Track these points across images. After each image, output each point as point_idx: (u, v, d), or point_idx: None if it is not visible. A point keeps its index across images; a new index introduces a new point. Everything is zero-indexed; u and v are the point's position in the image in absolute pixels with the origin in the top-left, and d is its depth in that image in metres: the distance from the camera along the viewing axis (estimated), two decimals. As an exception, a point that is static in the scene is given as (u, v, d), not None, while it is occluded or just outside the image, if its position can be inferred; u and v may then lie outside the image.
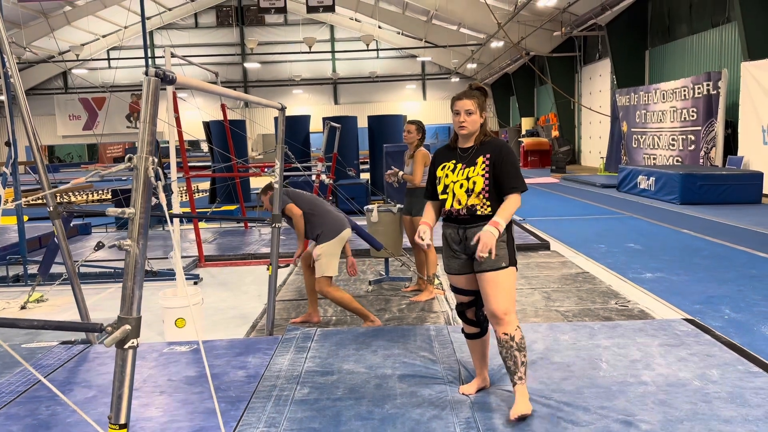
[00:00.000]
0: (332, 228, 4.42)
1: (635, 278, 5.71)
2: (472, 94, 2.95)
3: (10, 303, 5.64)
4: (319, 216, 4.46)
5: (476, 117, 2.94)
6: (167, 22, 32.15)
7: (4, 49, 3.91)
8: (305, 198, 4.57)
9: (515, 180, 2.88)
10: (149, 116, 1.84)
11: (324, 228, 4.41)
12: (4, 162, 6.03)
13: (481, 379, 3.16)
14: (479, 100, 2.95)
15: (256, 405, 3.05)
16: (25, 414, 3.06)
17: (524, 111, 29.30)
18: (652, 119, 16.01)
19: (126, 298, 1.83)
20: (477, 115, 2.94)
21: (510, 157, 2.93)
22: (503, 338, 2.85)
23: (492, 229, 2.77)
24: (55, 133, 35.45)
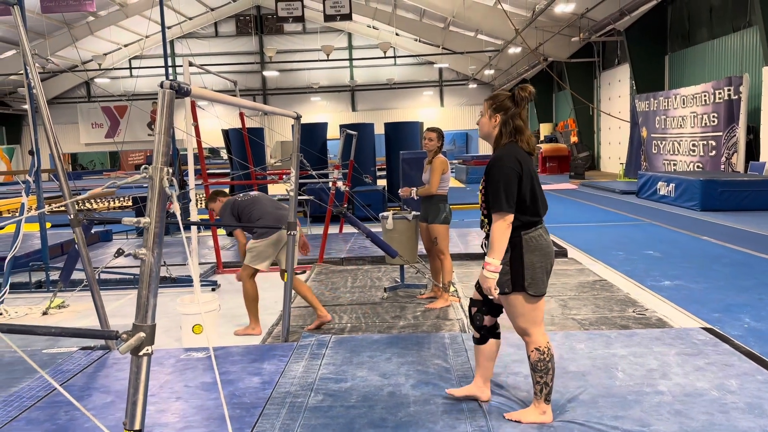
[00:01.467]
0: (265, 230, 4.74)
1: (653, 286, 5.65)
2: (490, 96, 2.94)
3: (33, 309, 5.74)
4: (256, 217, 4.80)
5: (485, 119, 2.90)
6: (187, 31, 32.59)
7: (28, 61, 4.01)
8: (246, 203, 4.85)
9: (494, 199, 2.71)
10: (164, 127, 1.88)
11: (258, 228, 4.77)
12: (28, 170, 6.16)
13: (474, 386, 3.07)
14: (491, 102, 2.89)
15: (270, 411, 3.08)
16: (44, 419, 3.12)
17: (542, 117, 29.17)
18: (672, 125, 15.84)
19: (141, 306, 1.86)
20: (486, 118, 2.90)
21: (492, 172, 2.76)
22: (528, 355, 2.87)
23: (484, 272, 2.72)
24: (78, 141, 36.06)
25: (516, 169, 2.73)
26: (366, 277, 6.42)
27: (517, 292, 2.76)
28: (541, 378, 2.82)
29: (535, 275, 2.74)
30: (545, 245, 2.80)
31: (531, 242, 2.75)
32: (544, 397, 2.84)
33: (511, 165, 2.74)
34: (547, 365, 2.80)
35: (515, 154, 2.78)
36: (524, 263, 2.73)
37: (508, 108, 2.84)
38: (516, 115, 2.84)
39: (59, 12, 12.79)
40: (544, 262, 2.78)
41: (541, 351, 2.81)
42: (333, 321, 4.85)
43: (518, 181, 2.72)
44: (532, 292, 2.75)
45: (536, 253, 2.75)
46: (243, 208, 4.85)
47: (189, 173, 5.22)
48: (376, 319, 4.91)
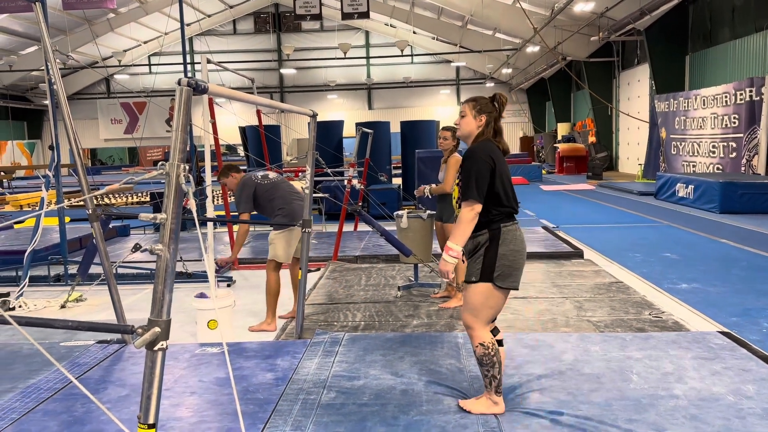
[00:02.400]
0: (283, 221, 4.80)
1: (670, 289, 5.59)
2: (470, 99, 3.06)
3: (51, 302, 5.82)
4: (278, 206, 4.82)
5: (468, 119, 3.01)
6: (206, 28, 32.77)
7: (49, 58, 4.06)
8: (267, 187, 4.85)
9: (464, 188, 2.83)
10: (181, 125, 1.89)
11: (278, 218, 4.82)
12: (48, 164, 6.25)
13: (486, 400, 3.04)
14: (475, 103, 3.02)
15: (283, 408, 3.09)
16: (61, 411, 3.16)
17: (560, 116, 28.96)
18: (692, 126, 15.64)
19: (156, 301, 1.88)
20: (469, 118, 3.01)
21: (466, 163, 2.87)
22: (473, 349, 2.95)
23: (445, 256, 2.85)
24: (98, 137, 36.47)
25: (489, 162, 2.85)
26: (380, 276, 6.42)
27: (484, 281, 2.84)
28: (488, 371, 2.91)
29: (505, 268, 2.84)
30: (520, 241, 2.92)
31: (508, 235, 2.87)
32: (494, 389, 2.93)
33: (484, 158, 2.86)
34: (492, 359, 2.88)
35: (490, 150, 2.90)
36: (498, 255, 2.84)
37: (491, 111, 3.01)
38: (497, 118, 3.02)
39: (80, 8, 12.95)
40: (517, 257, 2.89)
41: (485, 346, 2.89)
42: (347, 318, 4.87)
43: (491, 175, 2.84)
44: (500, 283, 2.84)
45: (511, 246, 2.86)
46: (263, 193, 4.82)
47: (206, 170, 5.25)
48: (389, 317, 4.92)
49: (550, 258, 6.95)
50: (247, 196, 4.80)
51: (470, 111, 3.01)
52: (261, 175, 4.92)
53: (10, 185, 21.51)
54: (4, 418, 3.06)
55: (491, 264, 2.84)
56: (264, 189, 4.84)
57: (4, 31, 24.97)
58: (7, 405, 3.22)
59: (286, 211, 4.84)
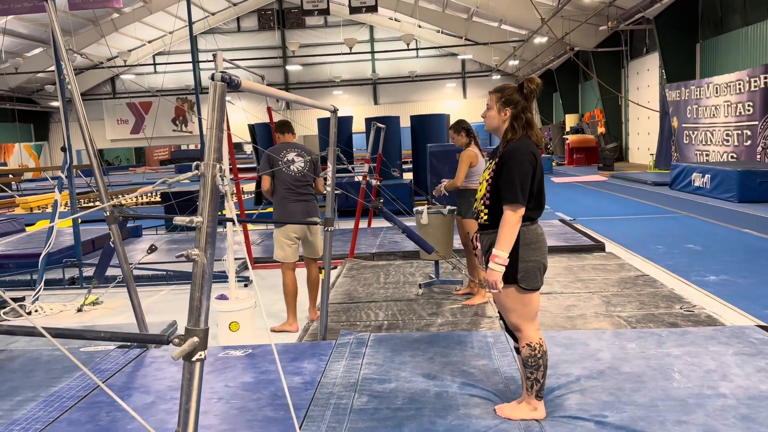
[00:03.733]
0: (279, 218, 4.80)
1: (698, 281, 5.46)
2: (497, 89, 2.86)
3: (67, 306, 5.75)
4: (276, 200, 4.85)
5: (493, 113, 2.82)
6: (211, 26, 32.70)
7: (62, 57, 3.96)
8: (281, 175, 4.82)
9: (508, 191, 2.65)
10: (216, 122, 1.78)
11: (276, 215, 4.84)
12: (60, 167, 6.16)
13: (526, 405, 2.89)
14: (500, 95, 2.81)
15: (315, 413, 2.99)
16: (86, 420, 3.07)
17: (568, 107, 28.74)
18: (705, 114, 15.44)
19: (194, 309, 1.78)
20: (494, 111, 2.82)
21: (509, 164, 2.68)
22: (519, 350, 2.85)
23: (492, 265, 2.64)
24: (104, 137, 36.48)
25: (532, 163, 2.69)
26: (398, 273, 6.32)
27: (509, 284, 2.71)
28: (531, 374, 2.78)
29: (528, 269, 2.70)
30: (542, 240, 2.78)
31: (528, 234, 2.72)
32: (535, 393, 2.80)
33: (528, 159, 2.68)
34: (538, 362, 2.76)
35: (530, 148, 2.73)
36: (519, 256, 2.69)
37: (518, 101, 2.78)
38: (526, 109, 2.80)
39: (87, 8, 12.85)
40: (540, 257, 2.75)
41: (532, 347, 2.77)
42: (369, 318, 4.77)
43: (532, 176, 2.69)
44: (524, 285, 2.70)
45: (532, 246, 2.72)
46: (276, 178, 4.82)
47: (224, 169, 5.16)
48: (412, 316, 4.81)
49: (571, 252, 6.82)
50: (262, 169, 4.85)
51: (495, 104, 2.82)
52: (288, 159, 4.82)
53: (19, 188, 21.51)
54: (29, 429, 2.96)
55: (513, 266, 2.68)
56: (279, 174, 4.79)
57: (9, 34, 24.92)
58: (30, 415, 3.13)
59: (278, 209, 4.82)
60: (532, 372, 2.77)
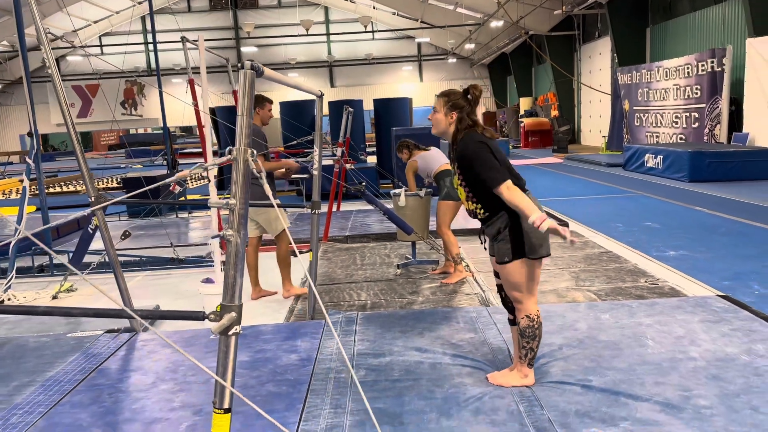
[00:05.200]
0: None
1: (659, 256, 5.79)
2: (443, 93, 3.05)
3: (41, 293, 5.66)
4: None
5: (440, 116, 3.00)
6: (160, 6, 31.75)
7: (42, 41, 3.90)
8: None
9: (486, 180, 2.79)
10: (247, 109, 1.87)
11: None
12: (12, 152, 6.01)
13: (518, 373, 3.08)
14: (447, 99, 2.99)
15: (317, 387, 3.11)
16: (89, 402, 3.11)
17: (522, 91, 29.27)
18: (655, 97, 16.05)
19: (228, 286, 1.87)
20: (441, 114, 3.00)
21: (468, 160, 2.86)
22: (518, 321, 3.01)
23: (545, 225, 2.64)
24: (50, 122, 35.08)
25: (483, 145, 2.84)
26: (374, 254, 6.45)
27: (517, 258, 2.86)
28: (527, 343, 2.98)
29: (532, 241, 2.84)
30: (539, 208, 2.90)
31: (516, 218, 2.84)
32: (527, 361, 3.01)
33: (479, 146, 2.85)
34: (535, 332, 2.96)
35: (476, 137, 2.89)
36: (523, 230, 2.83)
37: (463, 106, 2.98)
38: (471, 112, 2.99)
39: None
40: None
41: (531, 318, 2.95)
42: (352, 298, 4.90)
43: (491, 153, 2.83)
44: (532, 256, 2.86)
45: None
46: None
47: (206, 151, 5.18)
48: (394, 295, 4.96)
49: (538, 231, 7.09)
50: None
51: (442, 107, 3.00)
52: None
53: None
54: (32, 411, 2.99)
55: (519, 241, 2.85)
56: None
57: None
58: (31, 399, 3.14)
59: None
60: (528, 341, 2.96)
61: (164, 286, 5.78)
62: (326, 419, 2.78)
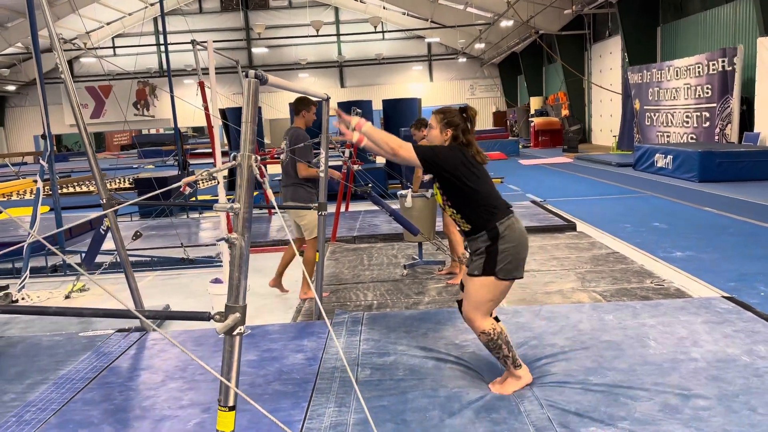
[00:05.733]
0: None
1: (666, 257, 5.80)
2: (439, 110, 3.14)
3: (54, 293, 5.77)
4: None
5: (435, 132, 3.09)
6: (171, 8, 31.99)
7: (55, 46, 3.99)
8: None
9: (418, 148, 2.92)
10: (250, 116, 1.93)
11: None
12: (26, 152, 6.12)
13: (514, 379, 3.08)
14: (443, 116, 3.08)
15: (322, 386, 3.18)
16: (100, 399, 3.19)
17: (533, 90, 29.19)
18: (666, 97, 15.98)
19: (233, 287, 1.93)
20: (437, 131, 3.08)
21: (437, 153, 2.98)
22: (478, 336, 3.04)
23: (354, 134, 2.89)
24: (63, 122, 35.46)
25: (459, 155, 2.93)
26: (381, 255, 6.51)
27: (486, 275, 2.89)
28: (498, 354, 3.01)
29: (507, 263, 2.88)
30: (520, 234, 2.94)
31: (507, 231, 2.88)
32: (512, 365, 3.01)
33: (454, 151, 2.95)
34: (497, 342, 2.97)
35: (457, 149, 2.97)
36: (499, 251, 2.87)
37: (458, 124, 3.05)
38: (466, 131, 3.04)
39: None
40: (520, 250, 2.92)
41: (487, 333, 2.97)
42: (359, 298, 4.96)
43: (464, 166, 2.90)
44: (502, 276, 2.89)
45: (511, 243, 2.88)
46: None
47: (215, 153, 5.26)
48: (400, 295, 5.01)
49: (545, 231, 7.12)
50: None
51: (437, 124, 3.07)
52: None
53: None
54: (45, 408, 3.08)
55: (493, 260, 2.87)
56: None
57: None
58: (44, 396, 3.23)
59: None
60: (498, 352, 2.99)
61: (175, 285, 5.88)
62: (330, 417, 2.84)
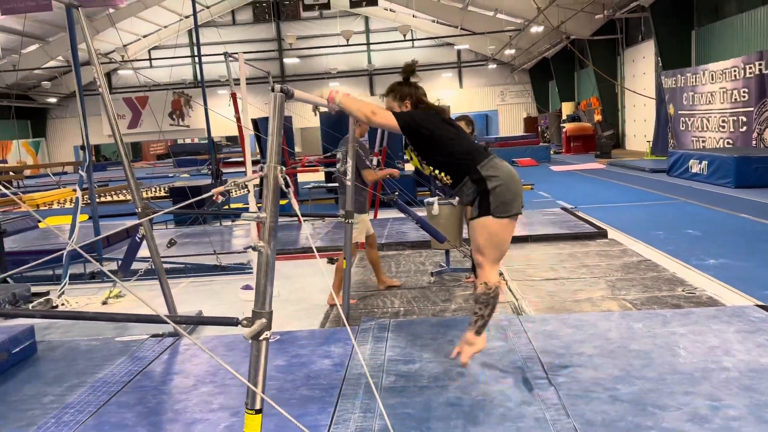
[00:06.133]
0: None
1: (699, 265, 5.70)
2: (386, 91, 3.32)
3: (92, 299, 5.95)
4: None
5: (396, 109, 3.22)
6: (205, 20, 32.65)
7: (93, 61, 4.14)
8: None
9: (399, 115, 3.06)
10: (276, 129, 2.00)
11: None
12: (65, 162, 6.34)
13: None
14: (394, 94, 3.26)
15: (348, 392, 3.22)
16: (134, 402, 3.29)
17: (564, 95, 28.92)
18: (701, 101, 15.67)
19: (260, 293, 1.99)
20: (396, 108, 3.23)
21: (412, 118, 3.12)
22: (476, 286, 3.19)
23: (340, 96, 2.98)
24: (102, 133, 36.42)
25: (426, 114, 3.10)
26: (409, 262, 6.54)
27: (483, 215, 3.03)
28: (479, 310, 3.11)
29: (499, 201, 2.99)
30: (507, 170, 3.05)
31: (489, 171, 3.01)
32: (476, 328, 3.13)
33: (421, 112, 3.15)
34: (489, 300, 3.07)
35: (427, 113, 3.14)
36: (489, 191, 2.99)
37: (410, 93, 3.19)
38: (422, 95, 3.19)
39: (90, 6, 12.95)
40: (510, 185, 3.02)
41: (488, 286, 3.07)
42: (386, 305, 5.00)
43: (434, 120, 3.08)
44: (498, 215, 3.01)
45: (500, 179, 2.99)
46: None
47: (246, 162, 5.38)
48: (427, 302, 5.04)
49: (575, 239, 7.05)
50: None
51: (393, 102, 3.20)
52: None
53: (20, 185, 21.62)
54: (83, 411, 3.19)
55: (485, 201, 3.01)
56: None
57: (6, 31, 24.94)
58: (82, 399, 3.35)
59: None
60: (482, 308, 3.08)
61: (207, 292, 6.00)
62: (356, 423, 2.88)
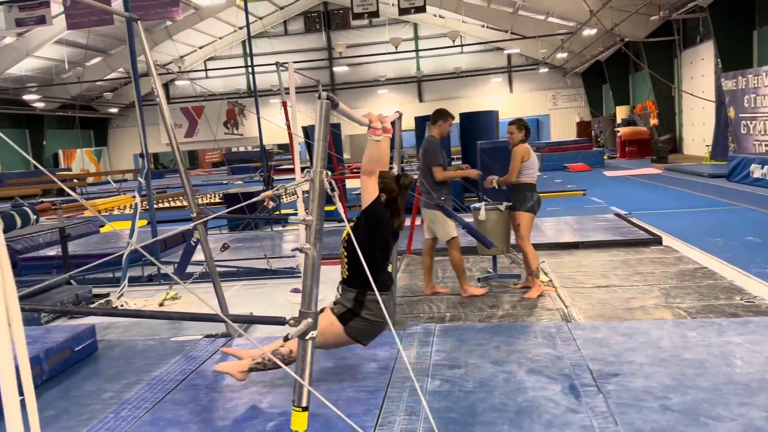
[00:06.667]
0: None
1: (759, 273, 5.48)
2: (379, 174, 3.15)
3: (149, 301, 6.19)
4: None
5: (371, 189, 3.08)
6: (258, 31, 33.48)
7: (151, 72, 4.34)
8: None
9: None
10: (322, 134, 2.06)
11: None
12: (125, 170, 6.63)
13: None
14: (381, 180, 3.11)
15: (393, 395, 3.25)
16: (188, 400, 3.42)
17: (619, 99, 28.23)
18: (764, 104, 15.02)
19: (306, 294, 2.06)
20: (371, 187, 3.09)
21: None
22: None
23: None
24: (160, 141, 37.77)
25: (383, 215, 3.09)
26: (457, 268, 6.52)
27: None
28: (268, 362, 3.29)
29: (356, 331, 3.18)
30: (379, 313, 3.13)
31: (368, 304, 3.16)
32: (250, 365, 3.32)
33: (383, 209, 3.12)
34: (283, 361, 3.14)
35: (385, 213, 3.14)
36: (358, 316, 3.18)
37: (393, 190, 3.20)
38: (397, 198, 3.21)
39: (148, 20, 13.51)
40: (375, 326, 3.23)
41: (292, 354, 3.18)
42: (432, 310, 5.01)
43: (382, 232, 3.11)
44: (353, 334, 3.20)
45: (370, 314, 3.16)
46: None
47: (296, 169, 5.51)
48: (473, 308, 5.02)
49: (628, 246, 6.89)
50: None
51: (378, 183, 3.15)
52: None
53: (83, 192, 22.61)
54: (139, 406, 3.33)
55: (352, 315, 3.23)
56: None
57: (71, 45, 26.21)
58: (138, 395, 3.50)
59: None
60: (269, 362, 3.26)
61: (258, 295, 6.15)
62: (401, 425, 2.91)
